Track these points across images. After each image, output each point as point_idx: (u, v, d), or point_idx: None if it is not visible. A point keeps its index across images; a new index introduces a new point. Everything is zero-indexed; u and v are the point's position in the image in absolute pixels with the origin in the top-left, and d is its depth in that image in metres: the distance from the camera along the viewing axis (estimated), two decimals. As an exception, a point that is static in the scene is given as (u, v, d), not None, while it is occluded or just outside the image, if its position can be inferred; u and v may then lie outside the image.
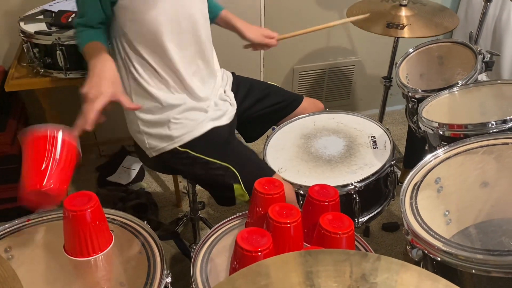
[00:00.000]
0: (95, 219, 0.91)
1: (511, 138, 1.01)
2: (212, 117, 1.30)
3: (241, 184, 1.22)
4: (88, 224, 0.90)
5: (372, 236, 1.89)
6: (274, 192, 0.98)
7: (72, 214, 0.89)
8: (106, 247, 0.95)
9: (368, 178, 1.24)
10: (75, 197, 0.92)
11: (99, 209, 0.92)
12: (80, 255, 0.93)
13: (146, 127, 1.27)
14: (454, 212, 1.00)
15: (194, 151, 1.25)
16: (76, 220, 0.90)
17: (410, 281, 0.60)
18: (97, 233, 0.92)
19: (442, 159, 1.04)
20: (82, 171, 2.23)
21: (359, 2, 1.90)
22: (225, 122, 1.34)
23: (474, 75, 1.38)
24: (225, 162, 1.24)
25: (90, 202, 0.90)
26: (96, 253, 0.93)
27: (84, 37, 1.20)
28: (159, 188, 2.14)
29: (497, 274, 0.76)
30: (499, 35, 2.23)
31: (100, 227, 0.93)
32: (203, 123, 1.28)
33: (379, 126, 1.46)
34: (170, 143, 1.25)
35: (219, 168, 1.24)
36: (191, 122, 1.26)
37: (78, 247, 0.92)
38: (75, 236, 0.91)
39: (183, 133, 1.25)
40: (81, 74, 1.53)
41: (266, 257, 0.83)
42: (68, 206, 0.89)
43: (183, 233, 1.84)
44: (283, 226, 0.89)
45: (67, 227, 0.92)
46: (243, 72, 1.58)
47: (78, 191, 0.93)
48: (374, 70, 2.56)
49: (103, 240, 0.94)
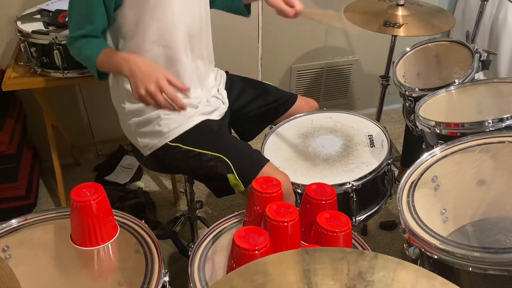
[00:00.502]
0: (100, 210, 0.93)
1: (507, 136, 1.01)
2: (202, 112, 1.30)
3: (234, 173, 1.22)
4: (94, 214, 0.92)
5: (370, 235, 1.89)
6: (272, 190, 0.98)
7: (80, 204, 0.91)
8: (112, 237, 0.97)
9: (365, 177, 1.25)
10: (82, 188, 0.94)
11: (104, 200, 0.94)
12: (84, 245, 0.95)
13: (138, 127, 1.27)
14: (451, 210, 1.00)
15: (185, 144, 1.25)
16: (82, 210, 0.92)
17: (407, 279, 0.61)
18: (100, 224, 0.94)
19: (439, 157, 1.05)
20: (80, 170, 2.24)
21: (356, 1, 1.91)
22: (216, 117, 1.34)
23: (471, 73, 1.39)
24: (217, 153, 1.24)
25: (97, 193, 0.93)
26: (101, 243, 0.95)
27: (94, 47, 1.16)
28: (157, 188, 2.14)
29: (494, 272, 0.77)
30: (496, 34, 2.24)
31: (105, 218, 0.95)
32: (193, 117, 1.28)
33: (376, 125, 1.46)
34: (161, 139, 1.26)
35: (211, 159, 1.24)
36: (181, 117, 1.26)
37: (86, 236, 0.94)
38: (82, 225, 0.93)
39: (173, 128, 1.25)
40: (78, 74, 1.54)
41: (263, 256, 0.83)
42: (75, 197, 0.92)
43: (181, 232, 1.84)
44: (280, 225, 0.89)
45: (73, 217, 0.94)
46: (241, 72, 1.58)
47: (84, 183, 0.95)
48: (371, 69, 2.57)
49: (106, 232, 0.96)
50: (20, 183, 1.91)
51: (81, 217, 0.93)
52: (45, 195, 2.09)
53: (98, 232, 0.94)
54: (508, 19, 2.17)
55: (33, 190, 2.01)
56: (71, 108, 2.14)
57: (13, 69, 1.60)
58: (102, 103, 2.13)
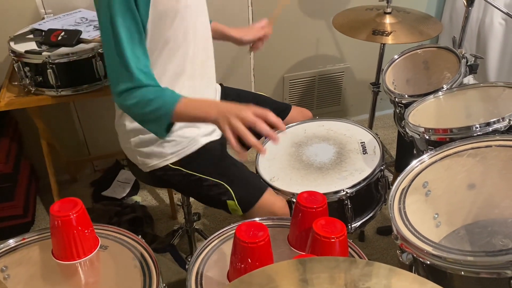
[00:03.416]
0: (79, 224, 0.93)
1: (494, 140, 1.03)
2: (204, 133, 1.30)
3: (235, 200, 1.23)
4: (74, 228, 0.93)
5: (367, 241, 1.90)
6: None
7: (58, 220, 0.92)
8: (94, 249, 0.98)
9: (359, 184, 1.26)
10: (62, 203, 0.94)
11: (84, 214, 0.94)
12: (66, 259, 0.95)
13: (139, 146, 1.27)
14: (443, 214, 1.02)
15: (186, 168, 1.25)
16: (63, 225, 0.92)
17: (399, 285, 0.62)
18: (81, 237, 0.95)
19: (429, 163, 1.06)
20: (76, 186, 2.24)
21: (344, 10, 1.94)
22: (217, 137, 1.34)
23: (459, 78, 1.41)
24: (218, 179, 1.24)
25: (76, 207, 0.93)
26: (82, 257, 0.96)
27: (167, 96, 1.08)
28: (154, 201, 2.15)
29: (486, 275, 0.78)
30: (483, 38, 2.28)
31: (85, 232, 0.95)
32: (195, 139, 1.27)
33: (368, 132, 1.48)
34: (162, 160, 1.26)
35: (212, 185, 1.24)
36: (184, 139, 1.26)
37: (67, 250, 0.95)
38: (64, 240, 0.94)
39: (176, 150, 1.25)
40: (72, 91, 1.55)
41: (264, 248, 0.86)
42: (54, 212, 0.92)
43: (179, 245, 1.85)
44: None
45: (54, 232, 0.94)
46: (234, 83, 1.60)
47: (65, 198, 0.95)
48: (363, 76, 2.60)
49: (88, 244, 0.97)
50: (17, 201, 1.91)
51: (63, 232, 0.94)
52: (43, 212, 2.09)
53: (80, 245, 0.95)
54: (494, 23, 2.20)
55: (30, 208, 2.02)
56: (66, 125, 2.15)
57: (7, 89, 1.61)
58: (97, 119, 2.15)
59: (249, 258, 0.87)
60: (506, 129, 1.07)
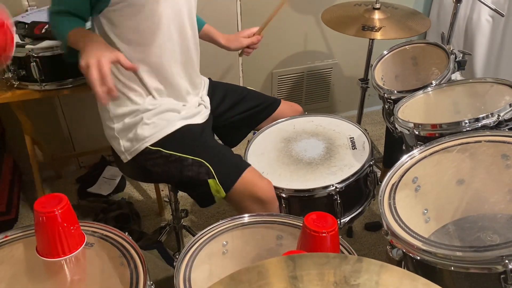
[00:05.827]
0: (64, 220, 0.91)
1: (483, 136, 1.03)
2: (184, 117, 1.31)
3: (215, 178, 1.22)
4: (59, 224, 0.91)
5: (355, 236, 1.91)
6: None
7: (42, 216, 0.90)
8: (79, 246, 0.96)
9: (348, 179, 1.26)
10: (46, 199, 0.92)
11: (69, 210, 0.93)
12: (51, 256, 0.94)
13: (121, 131, 1.28)
14: (432, 210, 1.02)
15: (166, 148, 1.25)
16: (48, 222, 0.90)
17: (390, 281, 0.61)
18: (67, 234, 0.93)
19: (418, 159, 1.06)
20: (61, 183, 2.20)
21: (333, 6, 1.93)
22: (198, 121, 1.35)
23: (447, 74, 1.41)
24: (198, 157, 1.23)
25: (61, 203, 0.91)
26: (67, 254, 0.94)
27: (66, 24, 1.18)
28: (140, 198, 2.12)
29: (476, 271, 0.78)
30: (471, 35, 2.30)
31: (71, 228, 0.94)
32: (174, 121, 1.28)
33: (357, 127, 1.48)
34: (142, 143, 1.26)
35: (192, 164, 1.23)
36: (162, 121, 1.27)
37: (52, 247, 0.93)
38: (48, 237, 0.92)
39: (154, 132, 1.26)
40: (56, 86, 1.52)
41: None
42: (39, 208, 0.90)
43: (166, 242, 1.83)
44: None
45: (39, 228, 0.93)
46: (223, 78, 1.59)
47: (49, 194, 0.94)
48: (351, 72, 2.60)
49: (73, 241, 0.95)
50: (0, 198, 1.87)
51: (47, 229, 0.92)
52: (27, 209, 2.05)
53: (65, 242, 0.93)
54: (482, 20, 2.22)
55: (13, 205, 1.98)
56: (50, 121, 2.11)
57: (-11, 83, 1.57)
58: (82, 115, 2.11)
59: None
60: (495, 124, 1.07)
